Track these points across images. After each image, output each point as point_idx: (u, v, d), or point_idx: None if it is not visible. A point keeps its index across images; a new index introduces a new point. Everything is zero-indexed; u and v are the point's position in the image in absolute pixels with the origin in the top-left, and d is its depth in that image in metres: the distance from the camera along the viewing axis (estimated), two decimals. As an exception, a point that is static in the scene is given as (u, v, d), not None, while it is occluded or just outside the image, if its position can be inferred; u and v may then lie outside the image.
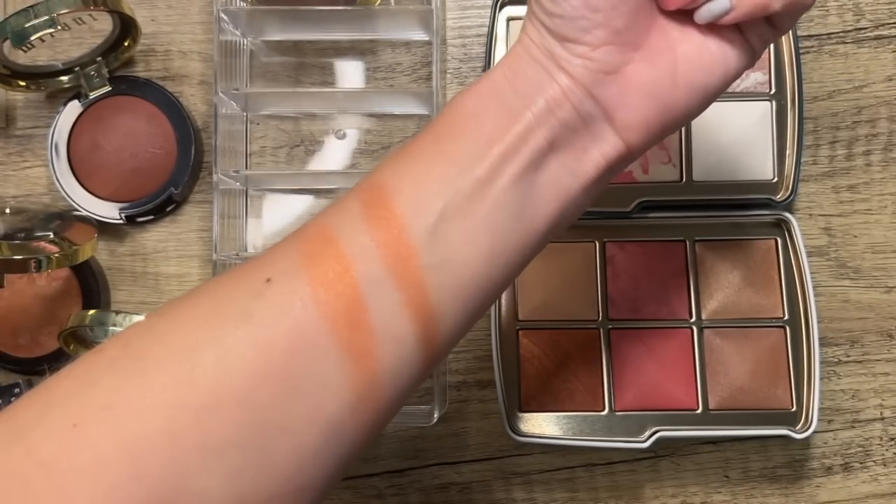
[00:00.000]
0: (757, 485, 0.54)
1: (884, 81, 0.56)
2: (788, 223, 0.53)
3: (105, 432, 0.27)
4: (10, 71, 0.54)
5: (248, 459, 0.28)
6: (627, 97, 0.32)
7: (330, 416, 0.29)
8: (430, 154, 0.32)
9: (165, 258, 0.57)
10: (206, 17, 0.58)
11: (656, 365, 0.53)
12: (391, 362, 0.30)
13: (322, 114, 0.58)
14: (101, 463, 0.27)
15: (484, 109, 0.32)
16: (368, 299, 0.30)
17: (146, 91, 0.57)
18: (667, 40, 0.33)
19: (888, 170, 0.56)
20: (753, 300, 0.54)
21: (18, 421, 0.28)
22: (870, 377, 0.55)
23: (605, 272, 0.54)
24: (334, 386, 0.29)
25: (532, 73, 0.32)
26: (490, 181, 0.31)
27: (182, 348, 0.28)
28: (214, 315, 0.29)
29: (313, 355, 0.29)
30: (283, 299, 0.29)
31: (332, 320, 0.29)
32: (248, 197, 0.58)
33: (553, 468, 0.55)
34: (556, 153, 0.32)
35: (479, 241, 0.31)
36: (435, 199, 0.31)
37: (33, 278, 0.56)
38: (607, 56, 0.32)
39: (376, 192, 0.31)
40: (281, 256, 0.31)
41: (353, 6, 0.56)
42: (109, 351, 0.29)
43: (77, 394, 0.28)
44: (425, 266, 0.30)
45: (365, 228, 0.31)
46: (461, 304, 0.32)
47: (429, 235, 0.31)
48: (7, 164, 0.58)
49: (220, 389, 0.28)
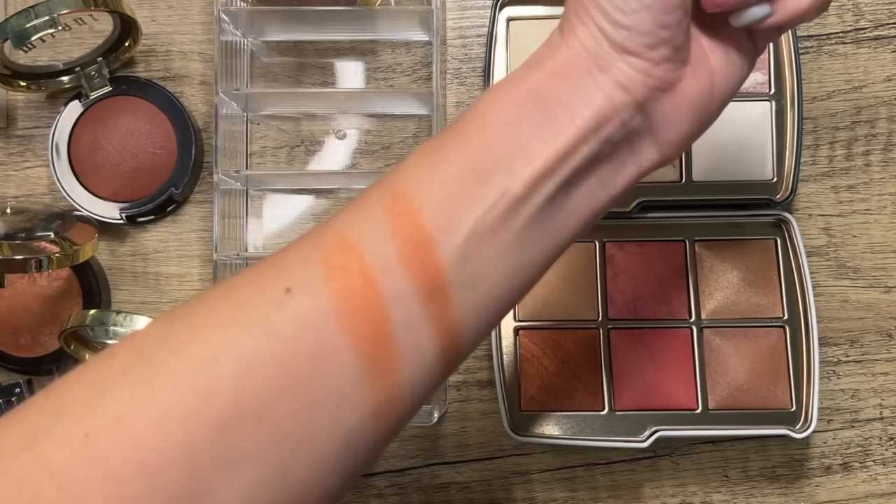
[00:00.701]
0: (756, 484, 0.54)
1: (883, 82, 0.56)
2: (788, 223, 0.53)
3: (119, 444, 0.26)
4: (10, 71, 0.55)
5: (267, 474, 0.27)
6: (675, 112, 0.32)
7: (349, 429, 0.29)
8: (461, 164, 0.30)
9: (166, 258, 0.57)
10: (206, 18, 0.58)
11: (656, 365, 0.53)
12: (412, 376, 0.29)
13: (322, 114, 0.58)
14: (114, 476, 0.26)
15: (521, 118, 0.30)
16: (392, 315, 0.29)
17: (147, 91, 0.57)
18: (703, 52, 0.32)
19: (887, 170, 0.56)
20: (753, 300, 0.54)
21: (28, 427, 0.27)
22: (869, 377, 0.55)
23: (604, 272, 0.54)
24: (354, 400, 0.28)
25: (581, 83, 0.30)
26: (525, 200, 0.30)
27: (200, 360, 0.27)
28: (232, 325, 0.28)
29: (334, 370, 0.28)
30: (304, 314, 0.28)
31: (354, 336, 0.28)
32: (249, 197, 0.58)
33: (553, 468, 0.55)
34: (593, 169, 0.31)
35: (507, 259, 0.30)
36: (466, 216, 0.29)
37: (34, 278, 0.56)
38: (666, 73, 0.31)
39: (402, 201, 0.30)
40: (300, 264, 0.29)
41: (353, 6, 0.56)
42: (122, 357, 0.28)
43: (89, 402, 0.27)
44: (454, 283, 0.29)
45: (391, 243, 0.29)
46: (483, 318, 0.31)
47: (457, 252, 0.29)
48: (8, 164, 0.58)
49: (240, 404, 0.27)
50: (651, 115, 0.31)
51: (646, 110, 0.31)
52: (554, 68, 0.31)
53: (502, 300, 0.31)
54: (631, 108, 0.31)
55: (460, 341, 0.30)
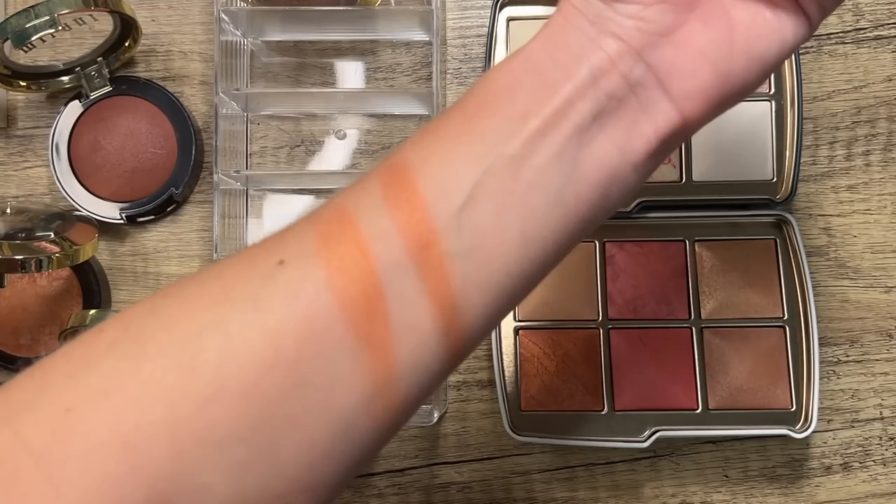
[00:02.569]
0: (756, 484, 0.54)
1: (883, 82, 0.56)
2: (788, 223, 0.53)
3: (100, 419, 0.25)
4: (10, 71, 0.55)
5: (254, 455, 0.26)
6: (683, 62, 0.30)
7: (342, 411, 0.27)
8: (458, 132, 0.29)
9: (166, 258, 0.57)
10: (206, 18, 0.58)
11: (656, 365, 0.53)
12: (409, 356, 0.28)
13: (322, 114, 0.58)
14: (95, 452, 0.25)
15: (518, 84, 0.29)
16: (387, 287, 0.27)
17: (147, 91, 0.57)
18: (719, 3, 0.30)
19: (887, 170, 0.56)
20: (753, 300, 0.54)
21: (10, 403, 0.26)
22: (869, 377, 0.55)
23: (604, 272, 0.54)
24: (347, 379, 0.27)
25: (574, 41, 0.29)
26: (524, 158, 0.28)
27: (185, 333, 0.27)
28: (221, 298, 0.27)
29: (326, 344, 0.27)
30: (295, 284, 0.27)
31: (347, 307, 0.27)
32: (249, 197, 0.58)
33: (553, 468, 0.55)
34: (601, 128, 0.29)
35: (511, 226, 0.28)
36: (462, 180, 0.28)
37: (34, 278, 0.56)
38: (661, 15, 0.29)
39: (398, 171, 0.29)
40: (294, 238, 0.29)
41: (353, 6, 0.56)
42: (109, 332, 0.27)
43: (72, 376, 0.26)
44: (450, 253, 0.28)
45: (386, 210, 0.28)
46: (489, 296, 0.29)
47: (454, 219, 0.28)
48: (8, 164, 0.58)
49: (224, 378, 0.26)
50: (654, 66, 0.30)
51: (645, 59, 0.29)
52: (548, 34, 0.30)
53: (510, 279, 0.29)
54: (628, 58, 0.29)
55: (463, 321, 0.29)
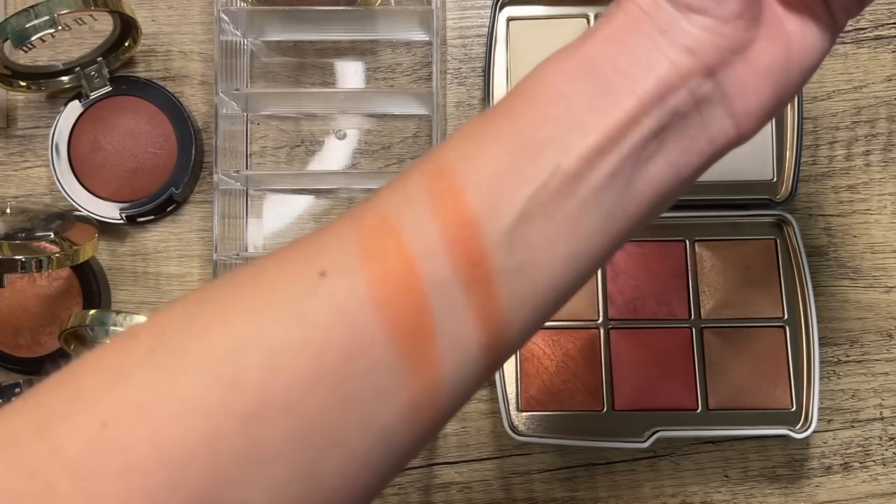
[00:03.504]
0: (756, 484, 0.54)
1: (883, 82, 0.56)
2: (788, 223, 0.53)
3: (139, 435, 0.24)
4: (10, 71, 0.55)
5: (294, 472, 0.25)
6: (751, 79, 0.28)
7: (383, 427, 0.26)
8: (509, 140, 0.27)
9: (166, 258, 0.57)
10: (206, 18, 0.58)
11: (656, 365, 0.53)
12: (452, 372, 0.27)
13: (322, 114, 0.58)
14: (132, 468, 0.24)
15: (575, 89, 0.27)
16: (433, 304, 0.26)
17: (147, 91, 0.57)
18: (776, 16, 0.29)
19: (887, 170, 0.56)
20: (753, 300, 0.54)
21: (42, 412, 0.25)
22: (869, 377, 0.55)
23: (604, 272, 0.54)
24: (390, 395, 0.26)
25: (640, 48, 0.27)
26: (580, 177, 0.27)
27: (227, 347, 0.25)
28: (262, 309, 0.26)
29: (369, 362, 0.26)
30: (339, 300, 0.26)
31: (392, 325, 0.26)
32: (249, 197, 0.58)
33: (553, 468, 0.55)
34: (660, 145, 0.28)
35: (560, 245, 0.27)
36: (515, 197, 0.27)
37: (34, 278, 0.56)
38: (737, 31, 0.28)
39: (445, 179, 0.27)
40: (336, 246, 0.27)
41: (353, 6, 0.56)
42: (143, 339, 0.26)
43: (108, 387, 0.25)
44: (499, 270, 0.27)
45: (433, 224, 0.27)
46: (532, 311, 0.28)
47: (505, 237, 0.27)
48: (8, 164, 0.58)
49: (268, 394, 0.25)
50: (723, 83, 0.28)
51: (717, 77, 0.28)
52: (609, 34, 0.28)
53: (552, 294, 0.28)
54: (699, 74, 0.27)
55: (506, 334, 0.28)
